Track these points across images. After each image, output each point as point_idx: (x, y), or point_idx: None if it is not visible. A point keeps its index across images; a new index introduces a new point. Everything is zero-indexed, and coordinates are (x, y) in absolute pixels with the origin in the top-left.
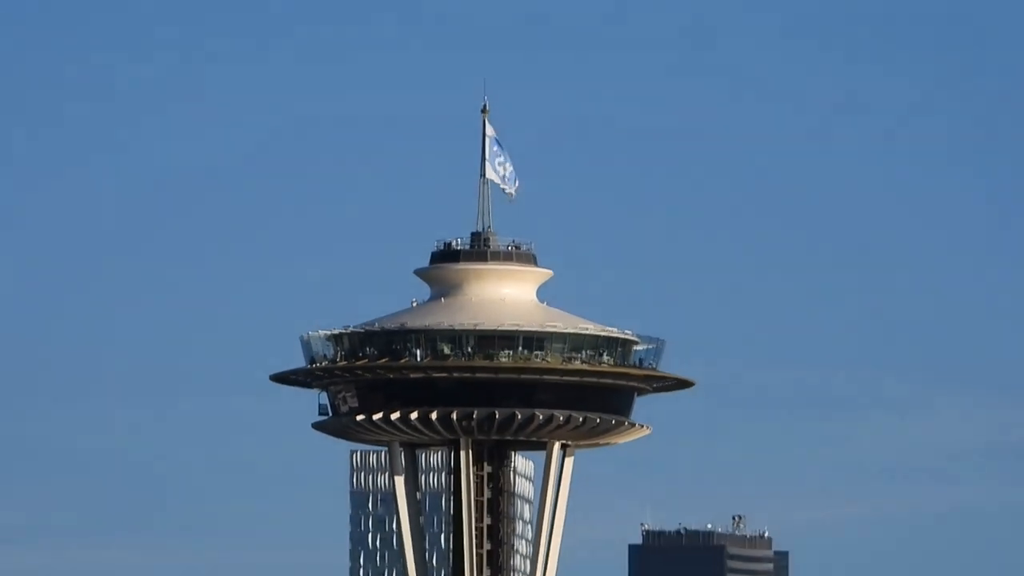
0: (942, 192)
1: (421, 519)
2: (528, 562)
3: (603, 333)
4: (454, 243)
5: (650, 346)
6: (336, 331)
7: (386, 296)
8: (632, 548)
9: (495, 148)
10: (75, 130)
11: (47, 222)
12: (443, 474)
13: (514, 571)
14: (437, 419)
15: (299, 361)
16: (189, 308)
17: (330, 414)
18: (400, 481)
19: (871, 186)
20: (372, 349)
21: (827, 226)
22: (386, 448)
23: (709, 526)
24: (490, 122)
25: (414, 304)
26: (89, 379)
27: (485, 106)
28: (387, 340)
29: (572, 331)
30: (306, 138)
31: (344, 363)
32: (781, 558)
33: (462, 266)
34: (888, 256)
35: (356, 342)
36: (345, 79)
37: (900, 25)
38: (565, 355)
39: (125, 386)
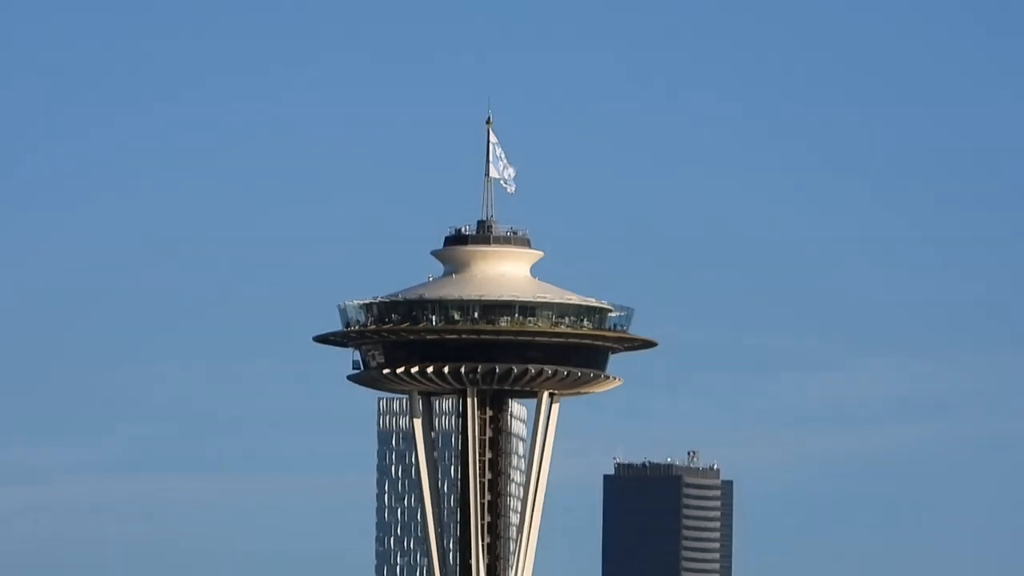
0: (852, 168)
1: (435, 453)
2: (521, 489)
3: (584, 303)
4: (463, 229)
5: (621, 313)
6: (367, 301)
7: (407, 272)
8: (606, 478)
9: (497, 152)
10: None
11: (109, 208)
12: (453, 417)
13: (510, 496)
14: (448, 372)
15: (336, 325)
16: (246, 281)
17: (361, 368)
18: (418, 423)
19: (804, 166)
20: (396, 315)
21: (769, 211)
22: (407, 396)
23: (669, 459)
24: (493, 131)
25: (430, 279)
26: (166, 341)
27: (489, 118)
28: (408, 308)
29: (558, 301)
30: (344, 144)
31: (373, 327)
32: (727, 486)
33: (469, 248)
34: (812, 239)
35: (383, 310)
36: (377, 92)
37: None
38: (553, 321)
39: (194, 346)
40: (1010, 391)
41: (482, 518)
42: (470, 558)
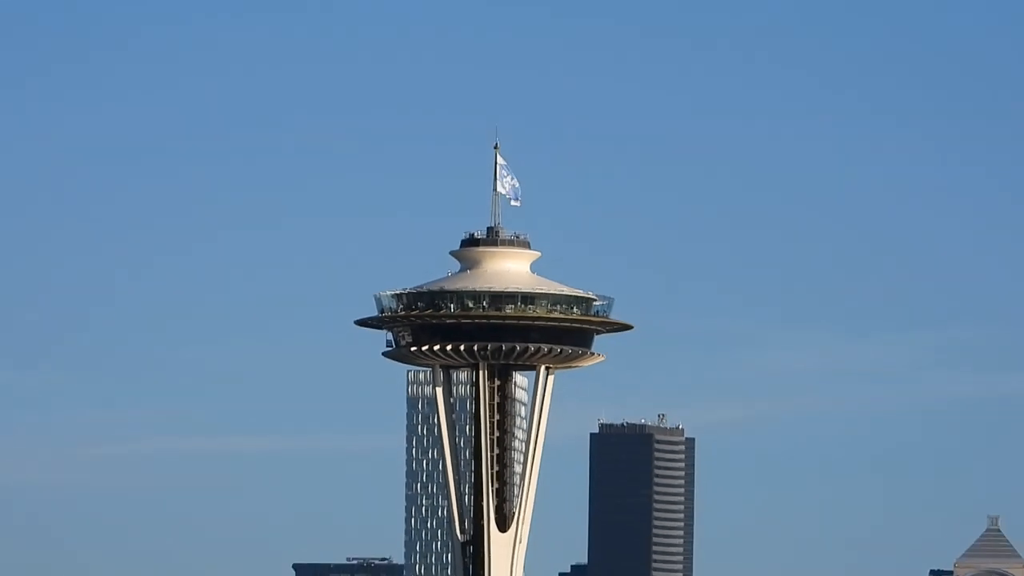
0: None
1: (453, 416)
2: (523, 444)
3: (573, 294)
4: (476, 234)
5: (604, 302)
6: (398, 291)
7: (431, 269)
8: (592, 435)
9: (503, 171)
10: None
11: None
12: (467, 386)
13: (514, 450)
14: (464, 350)
15: (372, 311)
16: (301, 277)
17: (393, 347)
18: (439, 391)
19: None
20: (421, 303)
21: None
22: (431, 369)
23: (642, 420)
24: (500, 155)
25: (449, 274)
26: (234, 321)
27: (496, 144)
28: (431, 298)
29: (553, 292)
30: (382, 164)
31: (403, 313)
32: (690, 442)
33: (480, 249)
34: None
35: (411, 299)
36: (411, 121)
37: None
38: (548, 308)
39: (256, 327)
40: (920, 365)
41: (491, 468)
42: (482, 501)
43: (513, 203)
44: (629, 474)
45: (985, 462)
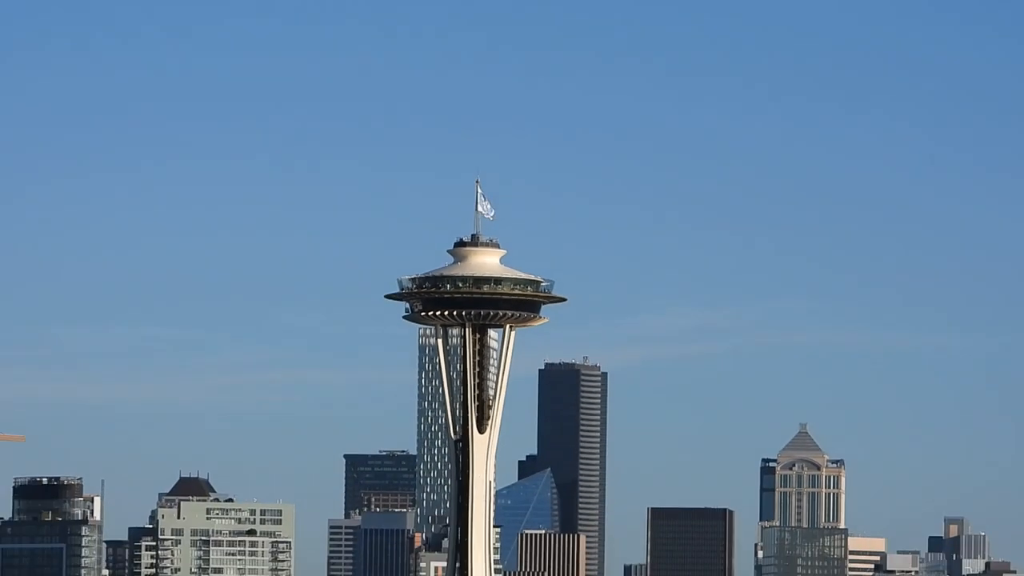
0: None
1: (448, 357)
2: (494, 376)
3: (527, 277)
4: (464, 238)
5: (547, 283)
6: (412, 276)
7: (434, 261)
8: (539, 371)
9: (482, 198)
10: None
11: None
12: (458, 338)
13: (489, 382)
14: (456, 314)
15: (395, 289)
16: (347, 266)
17: (410, 312)
18: (440, 342)
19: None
20: (428, 284)
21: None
22: (434, 326)
23: (573, 361)
24: (480, 187)
25: (446, 265)
26: (293, 288)
27: (477, 179)
28: (434, 280)
29: (514, 277)
30: (397, 182)
31: (416, 290)
32: (604, 376)
33: (467, 248)
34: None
35: (421, 281)
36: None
37: None
38: (511, 287)
39: (309, 296)
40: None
41: (473, 391)
42: (467, 412)
43: (488, 216)
44: (564, 396)
45: (796, 378)
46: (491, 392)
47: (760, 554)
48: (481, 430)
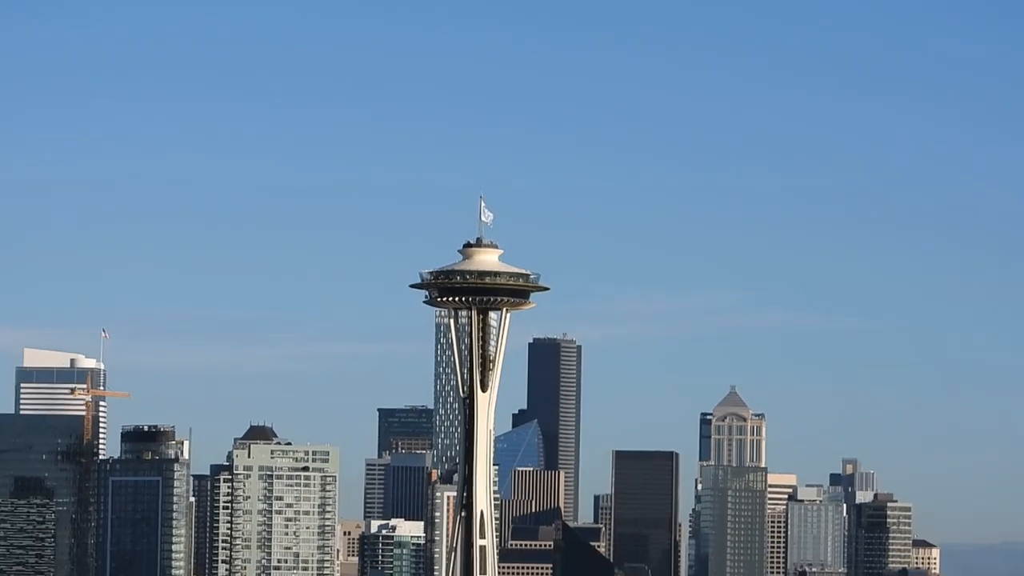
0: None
1: (458, 334)
2: (493, 348)
3: (519, 271)
4: (471, 241)
5: (535, 275)
6: (431, 270)
7: (448, 258)
8: (529, 344)
9: (484, 210)
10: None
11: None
12: (466, 319)
13: (491, 352)
14: (463, 300)
15: (417, 279)
16: (379, 262)
17: (428, 298)
18: (451, 321)
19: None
20: (442, 276)
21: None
22: (447, 309)
23: (555, 336)
24: (483, 201)
25: (457, 261)
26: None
27: (481, 196)
28: (448, 273)
29: (509, 271)
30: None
31: (434, 280)
32: (579, 348)
33: (473, 248)
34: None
35: (437, 274)
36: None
37: None
38: (507, 279)
39: (348, 289)
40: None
41: (477, 359)
42: (473, 374)
43: (488, 223)
44: (548, 364)
45: (727, 350)
46: (491, 360)
47: (699, 487)
48: (484, 390)
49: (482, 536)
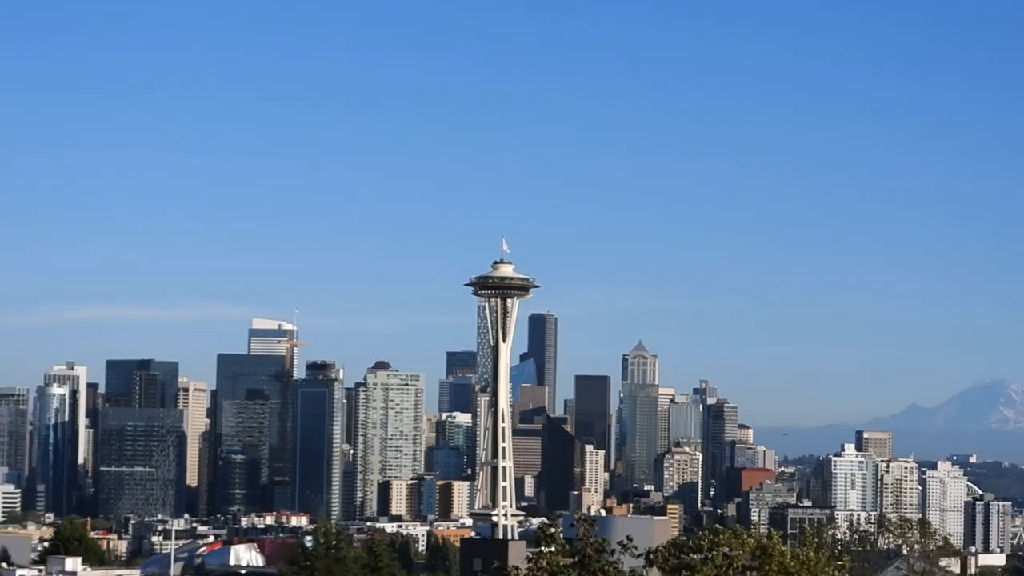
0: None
1: (490, 312)
2: (509, 320)
3: (523, 276)
4: (496, 260)
5: (531, 278)
6: (475, 276)
7: (484, 269)
8: (529, 317)
9: (504, 244)
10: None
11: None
12: (496, 303)
13: (508, 324)
14: (493, 292)
15: (467, 280)
16: (445, 269)
17: (475, 291)
18: (487, 304)
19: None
20: (482, 279)
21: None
22: (484, 298)
23: (542, 312)
24: (504, 240)
25: (489, 271)
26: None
27: (503, 236)
28: (484, 278)
29: (518, 276)
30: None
31: (476, 282)
32: (554, 320)
33: (498, 264)
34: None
35: (480, 278)
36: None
37: None
38: (518, 281)
39: (435, 288)
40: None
41: (501, 327)
42: (499, 334)
43: (506, 251)
44: (539, 328)
45: (638, 316)
46: (508, 326)
47: (621, 395)
48: (504, 341)
49: (503, 421)
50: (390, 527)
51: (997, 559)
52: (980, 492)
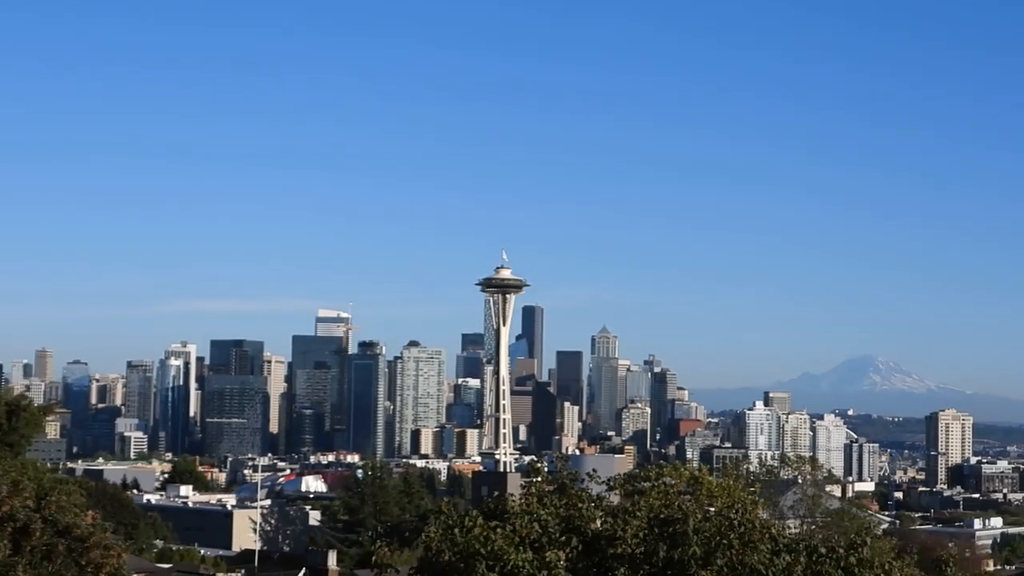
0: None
1: (495, 305)
2: (508, 310)
3: (518, 278)
4: (498, 266)
5: (523, 279)
6: (483, 278)
7: (488, 272)
8: (522, 309)
9: (504, 255)
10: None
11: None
12: (497, 297)
13: (506, 312)
14: (496, 290)
15: (476, 280)
16: (459, 272)
17: (482, 289)
18: (491, 299)
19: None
20: (486, 280)
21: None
22: (489, 294)
23: (532, 304)
24: (504, 251)
25: (492, 274)
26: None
27: (503, 249)
28: (489, 279)
29: (514, 278)
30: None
31: (483, 282)
32: (540, 311)
33: (499, 269)
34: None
35: (485, 279)
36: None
37: None
38: (514, 280)
39: (451, 286)
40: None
41: (502, 316)
42: (500, 321)
43: (505, 259)
44: (529, 315)
45: (605, 309)
46: (506, 315)
47: (591, 365)
48: (504, 325)
49: (503, 385)
50: (420, 463)
51: (868, 486)
52: (855, 437)
